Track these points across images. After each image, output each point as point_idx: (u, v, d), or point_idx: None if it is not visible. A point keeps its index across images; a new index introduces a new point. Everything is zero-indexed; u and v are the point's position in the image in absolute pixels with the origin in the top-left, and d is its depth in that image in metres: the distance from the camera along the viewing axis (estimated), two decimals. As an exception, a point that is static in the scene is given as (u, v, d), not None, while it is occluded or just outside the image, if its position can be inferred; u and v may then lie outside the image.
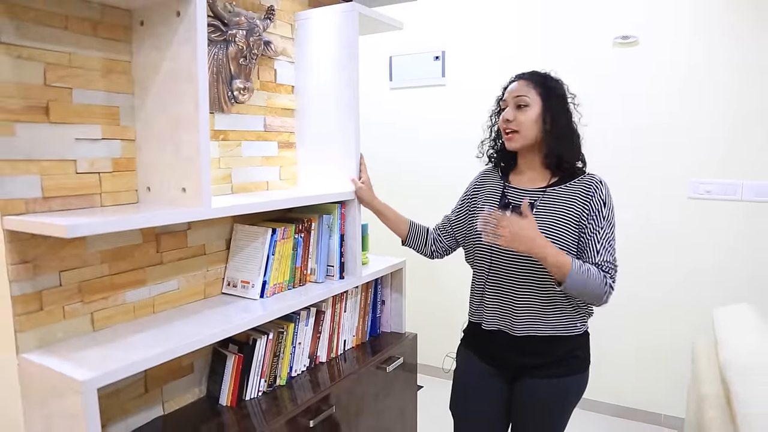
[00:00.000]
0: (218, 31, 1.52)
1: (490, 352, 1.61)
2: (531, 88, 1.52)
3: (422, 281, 3.30)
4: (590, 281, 1.40)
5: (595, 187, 1.49)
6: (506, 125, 1.54)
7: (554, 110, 1.51)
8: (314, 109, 1.84)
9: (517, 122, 1.51)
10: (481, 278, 1.60)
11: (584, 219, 1.47)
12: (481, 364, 1.64)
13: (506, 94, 1.57)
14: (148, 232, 1.42)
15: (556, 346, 1.51)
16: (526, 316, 1.50)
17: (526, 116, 1.51)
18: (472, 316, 1.66)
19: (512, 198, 1.58)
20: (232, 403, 1.53)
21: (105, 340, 1.26)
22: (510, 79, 1.60)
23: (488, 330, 1.57)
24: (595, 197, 1.48)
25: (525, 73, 1.57)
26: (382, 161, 3.47)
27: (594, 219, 1.47)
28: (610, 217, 1.49)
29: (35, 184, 1.17)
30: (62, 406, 1.10)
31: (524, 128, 1.51)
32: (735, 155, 2.61)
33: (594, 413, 3.00)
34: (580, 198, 1.49)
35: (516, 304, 1.51)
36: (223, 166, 1.63)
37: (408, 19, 3.01)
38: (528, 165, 1.59)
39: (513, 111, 1.53)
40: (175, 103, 1.27)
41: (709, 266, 2.71)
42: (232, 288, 1.63)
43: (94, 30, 1.26)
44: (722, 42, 2.59)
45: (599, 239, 1.46)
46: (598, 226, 1.47)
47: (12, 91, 1.12)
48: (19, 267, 1.15)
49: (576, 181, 1.52)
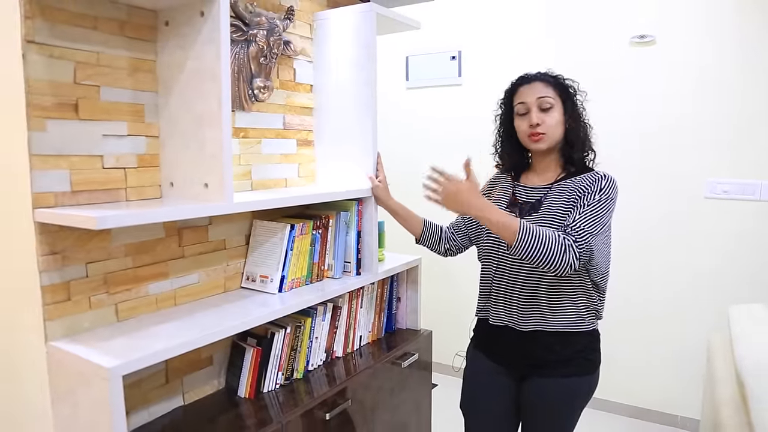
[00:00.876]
0: (240, 31, 1.56)
1: (498, 349, 1.62)
2: (551, 89, 1.53)
3: (435, 280, 3.32)
4: (543, 239, 1.34)
5: (599, 177, 1.48)
6: (535, 129, 1.52)
7: (573, 109, 1.54)
8: (332, 107, 1.87)
9: (546, 125, 1.51)
10: (489, 273, 1.62)
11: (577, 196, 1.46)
12: (489, 362, 1.65)
13: (524, 98, 1.54)
14: (171, 227, 1.46)
15: (563, 343, 1.51)
16: (532, 311, 1.52)
17: (552, 117, 1.51)
18: (479, 312, 1.67)
19: (520, 196, 1.59)
20: (250, 395, 1.56)
21: (129, 329, 1.30)
22: (514, 82, 1.60)
23: (495, 325, 1.58)
24: (597, 184, 1.46)
25: (537, 74, 1.57)
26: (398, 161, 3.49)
27: (586, 195, 1.45)
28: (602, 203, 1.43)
29: (65, 178, 1.22)
30: (89, 392, 1.14)
31: (551, 130, 1.52)
32: (753, 155, 2.60)
33: (609, 414, 2.99)
34: (584, 186, 1.48)
35: (521, 298, 1.53)
36: (243, 163, 1.67)
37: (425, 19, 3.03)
38: (544, 164, 1.60)
39: (538, 114, 1.52)
40: (199, 101, 1.31)
41: (725, 266, 2.69)
42: (251, 282, 1.66)
43: (121, 30, 1.31)
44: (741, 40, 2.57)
45: (582, 211, 1.43)
46: (585, 202, 1.44)
47: (44, 88, 1.16)
48: (48, 258, 1.19)
49: (583, 176, 1.52)
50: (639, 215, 2.86)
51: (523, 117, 1.55)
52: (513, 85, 1.61)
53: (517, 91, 1.58)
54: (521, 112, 1.56)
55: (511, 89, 1.61)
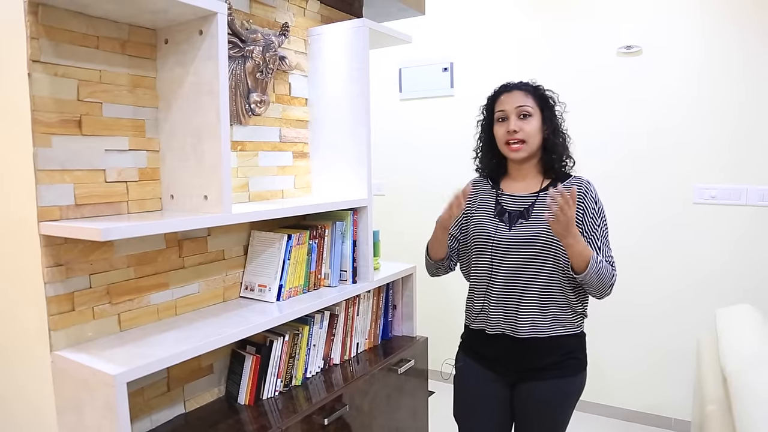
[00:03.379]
0: (236, 48, 1.61)
1: (491, 356, 1.64)
2: (530, 98, 1.58)
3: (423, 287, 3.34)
4: (603, 272, 1.48)
5: (585, 188, 1.57)
6: (512, 136, 1.57)
7: (550, 118, 1.59)
8: (327, 120, 1.92)
9: (524, 132, 1.57)
10: (483, 285, 1.63)
11: (579, 219, 1.53)
12: (481, 369, 1.67)
13: (504, 106, 1.60)
14: (171, 238, 1.50)
15: (556, 347, 1.56)
16: (530, 317, 1.55)
17: (531, 125, 1.57)
18: (471, 323, 1.68)
19: (506, 204, 1.63)
20: (250, 402, 1.59)
21: (132, 339, 1.33)
22: (496, 90, 1.65)
23: (491, 335, 1.61)
24: (588, 197, 1.56)
25: (518, 84, 1.62)
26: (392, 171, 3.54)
27: (590, 219, 1.55)
28: (603, 214, 1.57)
29: (69, 192, 1.26)
30: (94, 400, 1.17)
31: (530, 137, 1.57)
32: (740, 161, 2.66)
33: (604, 418, 3.02)
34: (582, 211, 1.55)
35: (520, 306, 1.56)
36: (241, 176, 1.71)
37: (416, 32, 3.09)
38: (522, 173, 1.64)
39: (517, 121, 1.57)
40: (198, 116, 1.36)
41: (715, 270, 2.74)
42: (250, 291, 1.70)
43: (122, 48, 1.35)
44: (726, 49, 2.64)
45: (599, 237, 1.54)
46: (595, 225, 1.54)
47: (49, 105, 1.20)
48: (53, 270, 1.23)
49: (566, 184, 1.58)
50: (629, 221, 2.91)
51: (502, 124, 1.61)
52: (495, 92, 1.66)
53: (498, 99, 1.63)
54: (500, 119, 1.62)
55: (492, 96, 1.66)
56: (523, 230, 1.55)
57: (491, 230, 1.60)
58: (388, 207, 3.52)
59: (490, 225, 1.61)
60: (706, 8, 2.68)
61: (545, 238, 1.52)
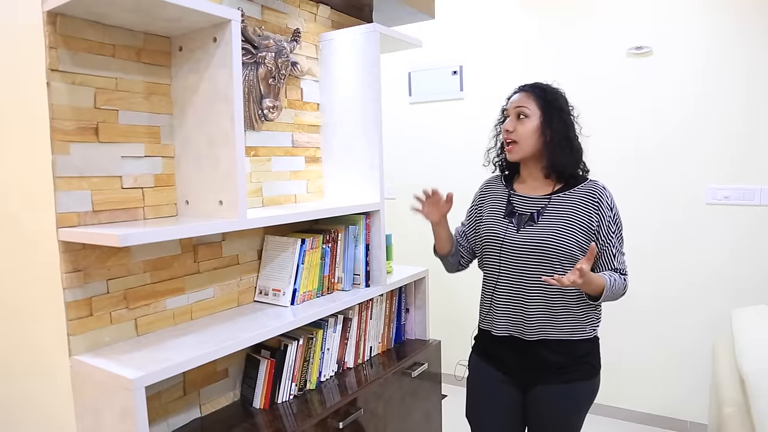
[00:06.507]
0: (249, 54, 1.62)
1: (502, 358, 1.64)
2: (531, 100, 1.57)
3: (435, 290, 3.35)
4: (616, 289, 1.51)
5: (600, 193, 1.55)
6: (506, 135, 1.59)
7: (553, 122, 1.55)
8: (338, 124, 1.93)
9: (517, 133, 1.57)
10: (491, 284, 1.63)
11: (594, 225, 1.53)
12: (493, 371, 1.66)
13: (508, 105, 1.62)
14: (186, 244, 1.51)
15: (568, 351, 1.55)
16: (538, 321, 1.54)
17: (525, 127, 1.56)
18: (482, 322, 1.69)
19: (517, 205, 1.62)
20: (265, 406, 1.60)
21: (149, 343, 1.35)
22: (513, 90, 1.66)
23: (499, 336, 1.61)
24: (603, 204, 1.54)
25: (527, 85, 1.62)
26: (402, 175, 3.55)
27: (606, 226, 1.53)
28: (618, 221, 1.57)
29: (86, 198, 1.27)
30: (112, 404, 1.18)
31: (523, 139, 1.56)
32: (753, 161, 2.64)
33: (618, 420, 3.00)
34: (585, 204, 1.54)
35: (528, 309, 1.55)
36: (255, 181, 1.72)
37: (426, 36, 3.11)
38: (530, 174, 1.64)
39: (513, 122, 1.58)
40: (212, 122, 1.37)
41: (729, 271, 2.72)
42: (264, 296, 1.71)
43: (138, 56, 1.37)
44: (737, 48, 2.63)
45: (614, 244, 1.54)
46: (611, 232, 1.53)
47: (67, 113, 1.22)
48: (72, 275, 1.25)
49: (579, 188, 1.57)
50: (642, 222, 2.90)
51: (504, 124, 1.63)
52: (511, 93, 1.67)
53: (510, 99, 1.65)
54: (505, 118, 1.64)
55: (508, 96, 1.67)
56: (530, 233, 1.55)
57: (499, 231, 1.60)
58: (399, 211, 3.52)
59: (499, 226, 1.61)
60: (716, 8, 2.66)
61: (552, 243, 1.51)
